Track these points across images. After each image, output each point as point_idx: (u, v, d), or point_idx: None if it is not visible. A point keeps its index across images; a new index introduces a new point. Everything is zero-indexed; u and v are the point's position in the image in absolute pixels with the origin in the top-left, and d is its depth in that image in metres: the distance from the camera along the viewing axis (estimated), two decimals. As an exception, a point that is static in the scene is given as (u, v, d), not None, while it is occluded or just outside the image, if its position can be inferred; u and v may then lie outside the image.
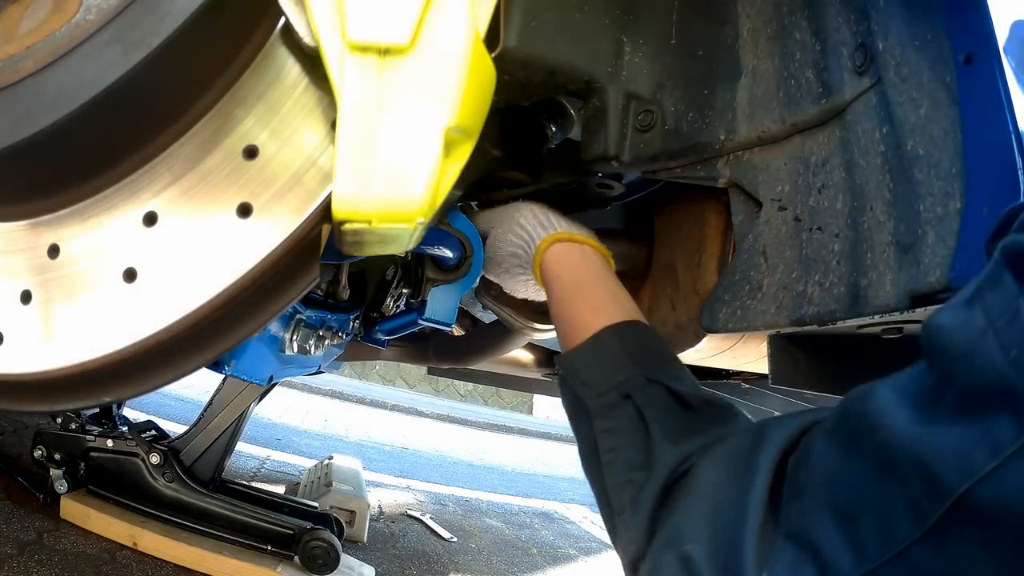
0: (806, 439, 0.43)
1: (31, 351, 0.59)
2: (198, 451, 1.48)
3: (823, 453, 0.39)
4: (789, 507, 0.40)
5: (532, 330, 1.00)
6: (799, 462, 0.42)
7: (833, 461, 0.38)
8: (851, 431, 0.38)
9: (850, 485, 0.36)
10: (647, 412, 0.57)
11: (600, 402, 0.60)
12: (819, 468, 0.39)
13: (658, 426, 0.56)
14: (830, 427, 0.40)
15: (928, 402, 0.32)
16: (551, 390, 2.40)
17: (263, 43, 0.57)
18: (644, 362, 0.62)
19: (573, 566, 2.44)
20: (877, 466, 0.34)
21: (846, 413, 0.39)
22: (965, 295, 0.33)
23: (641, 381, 0.59)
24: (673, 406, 0.58)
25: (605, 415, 0.60)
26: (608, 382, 0.61)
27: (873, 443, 0.34)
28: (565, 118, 0.86)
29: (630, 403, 0.58)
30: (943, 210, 0.49)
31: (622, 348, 0.64)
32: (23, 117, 0.53)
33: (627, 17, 0.71)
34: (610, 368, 0.62)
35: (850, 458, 0.36)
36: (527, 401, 10.71)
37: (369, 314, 1.19)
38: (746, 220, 0.70)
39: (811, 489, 0.39)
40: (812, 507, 0.38)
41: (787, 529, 0.39)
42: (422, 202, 0.48)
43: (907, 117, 0.52)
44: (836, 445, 0.38)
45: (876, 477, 0.34)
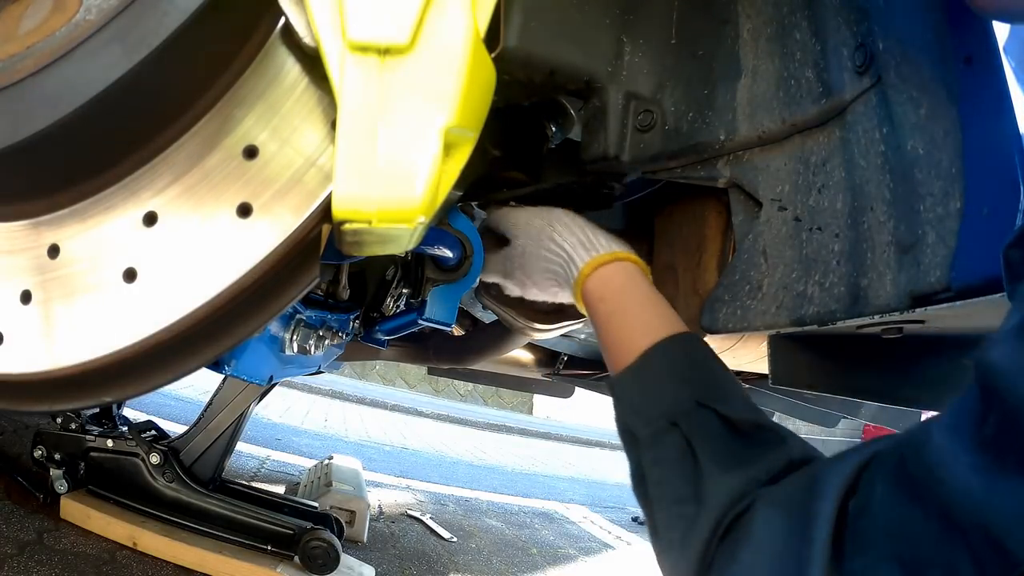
0: (865, 482, 0.41)
1: (31, 351, 0.59)
2: (198, 451, 1.48)
3: (884, 501, 0.38)
4: (853, 560, 0.39)
5: (532, 330, 1.00)
6: (861, 510, 0.40)
7: (895, 511, 0.37)
8: (911, 479, 0.36)
9: (914, 538, 0.35)
10: (695, 441, 0.55)
11: (648, 431, 0.59)
12: (881, 517, 0.38)
13: (707, 456, 0.54)
14: (889, 473, 0.39)
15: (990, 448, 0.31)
16: (551, 390, 2.40)
17: (263, 43, 0.57)
18: (693, 382, 0.60)
19: (573, 566, 2.44)
20: (941, 521, 0.33)
21: (903, 460, 0.38)
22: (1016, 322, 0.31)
23: (689, 406, 0.57)
24: (722, 433, 0.56)
25: (653, 445, 0.58)
26: (656, 408, 0.59)
27: (936, 495, 0.33)
28: (565, 118, 0.86)
29: (678, 431, 0.57)
30: (943, 210, 0.49)
31: (670, 369, 0.62)
32: (23, 117, 0.53)
33: (627, 17, 0.71)
34: (658, 392, 0.60)
35: (913, 509, 0.35)
36: (527, 401, 10.71)
37: (369, 314, 1.19)
38: (746, 220, 0.70)
39: (874, 540, 0.38)
40: (876, 560, 0.37)
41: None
42: (422, 202, 0.48)
43: (907, 117, 0.52)
44: (897, 493, 0.37)
45: (940, 532, 0.33)
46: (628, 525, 3.49)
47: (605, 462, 6.51)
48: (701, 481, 0.53)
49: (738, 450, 0.54)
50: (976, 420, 0.33)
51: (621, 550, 2.89)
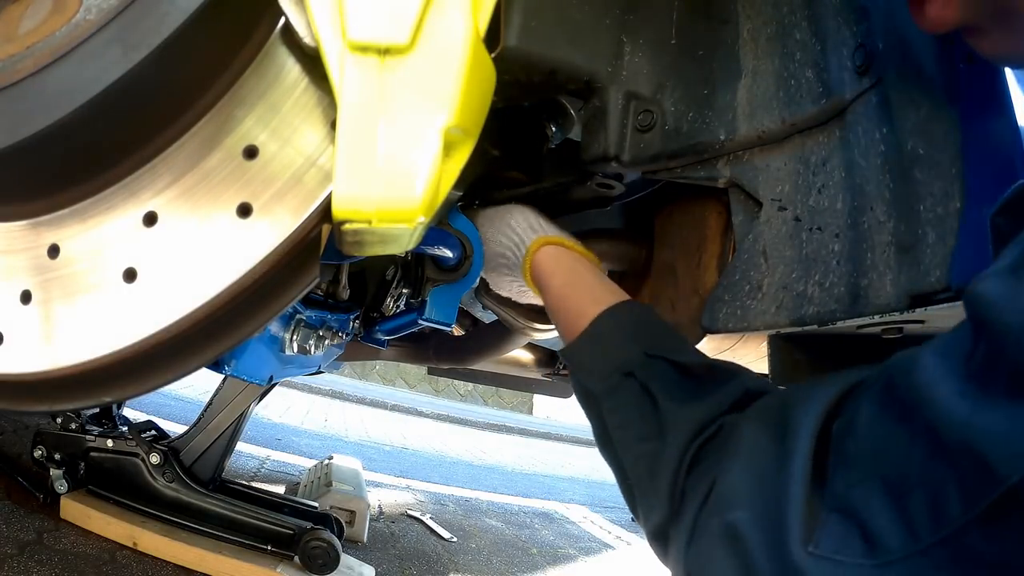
0: (850, 403, 0.41)
1: (31, 351, 0.59)
2: (198, 451, 1.48)
3: (870, 422, 0.38)
4: (836, 478, 0.38)
5: (532, 330, 1.01)
6: (845, 429, 0.40)
7: (881, 431, 0.37)
8: (898, 401, 0.36)
9: (899, 458, 0.35)
10: (651, 385, 0.57)
11: (604, 385, 0.61)
12: (867, 438, 0.38)
13: (664, 395, 0.55)
14: (876, 394, 0.39)
15: (977, 376, 0.31)
16: (551, 390, 2.40)
17: (263, 43, 0.57)
18: (642, 339, 0.62)
19: (573, 566, 2.44)
20: (926, 442, 0.33)
21: (891, 381, 0.38)
22: (1009, 261, 0.32)
23: (641, 358, 0.60)
24: (677, 377, 0.58)
25: (610, 395, 0.60)
26: (610, 364, 0.61)
27: (921, 417, 0.33)
28: (565, 118, 0.86)
29: (633, 379, 0.59)
30: (943, 210, 0.49)
31: (619, 329, 0.64)
32: (23, 117, 0.53)
33: (627, 17, 0.71)
34: (610, 350, 0.63)
35: (898, 430, 0.35)
36: (527, 401, 10.71)
37: (369, 314, 1.19)
38: (746, 220, 0.70)
39: (859, 460, 0.37)
40: (860, 479, 0.36)
41: (834, 502, 0.38)
42: (422, 202, 0.48)
43: (907, 117, 0.52)
44: (883, 414, 0.37)
45: (926, 453, 0.33)
46: (628, 525, 3.49)
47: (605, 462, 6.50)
48: (660, 416, 0.54)
49: (693, 387, 0.56)
50: (965, 349, 0.33)
51: (621, 550, 2.89)
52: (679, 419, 0.53)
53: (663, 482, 0.51)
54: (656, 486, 0.52)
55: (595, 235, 1.00)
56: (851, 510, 0.36)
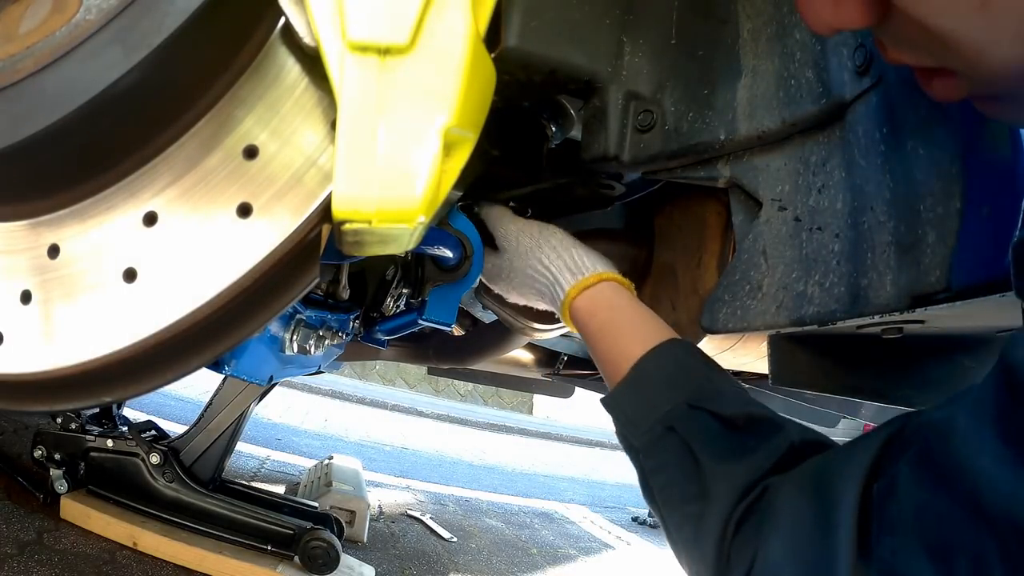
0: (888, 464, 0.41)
1: (31, 351, 0.59)
2: (198, 451, 1.48)
3: (911, 485, 0.38)
4: (880, 543, 0.38)
5: (532, 330, 1.01)
6: (887, 493, 0.40)
7: (922, 495, 0.36)
8: (936, 467, 0.36)
9: (941, 523, 0.34)
10: (693, 442, 0.56)
11: (646, 440, 0.59)
12: (908, 500, 0.37)
13: (707, 454, 0.54)
14: (914, 457, 0.38)
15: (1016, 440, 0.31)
16: (551, 390, 2.40)
17: (263, 43, 0.57)
18: (685, 386, 0.60)
19: (573, 566, 2.44)
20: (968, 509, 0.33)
21: (928, 446, 0.37)
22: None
23: (683, 410, 0.58)
24: (719, 430, 0.56)
25: (652, 453, 0.59)
26: (651, 417, 0.60)
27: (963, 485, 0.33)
28: (565, 118, 0.86)
29: (675, 435, 0.57)
30: (943, 210, 0.49)
31: (661, 376, 0.62)
32: (23, 117, 0.53)
33: (627, 17, 0.71)
34: (651, 401, 0.61)
35: (938, 494, 0.35)
36: (527, 401, 10.71)
37: (369, 314, 1.19)
38: (746, 220, 0.70)
39: (901, 524, 0.37)
40: (904, 544, 0.36)
41: (880, 567, 0.38)
42: (422, 202, 0.48)
43: (907, 117, 0.52)
44: (923, 478, 0.37)
45: (968, 521, 0.32)
46: (628, 525, 3.49)
47: (605, 462, 6.51)
48: (703, 478, 0.53)
49: (736, 444, 0.55)
50: (1001, 412, 0.32)
51: (621, 550, 2.89)
52: (722, 481, 0.52)
53: (709, 549, 0.51)
54: (702, 552, 0.52)
55: (595, 235, 1.00)
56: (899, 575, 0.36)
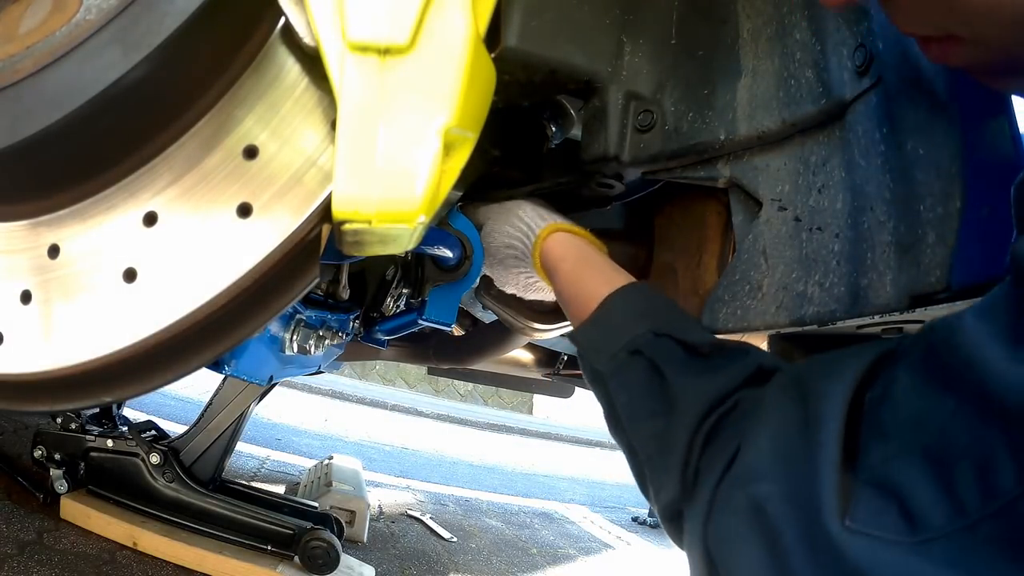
0: (884, 373, 0.39)
1: (31, 351, 0.59)
2: (198, 451, 1.48)
3: (909, 390, 0.35)
4: (871, 450, 0.36)
5: (532, 330, 1.00)
6: (880, 399, 0.37)
7: (922, 400, 0.34)
8: (942, 366, 0.34)
9: (943, 427, 0.32)
10: (659, 361, 0.56)
11: (612, 364, 0.60)
12: (906, 407, 0.35)
13: (673, 370, 0.54)
14: (916, 362, 0.36)
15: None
16: (551, 390, 2.40)
17: (263, 43, 0.57)
18: (651, 318, 0.61)
19: (573, 566, 2.44)
20: (975, 409, 0.30)
21: (931, 347, 0.35)
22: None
23: (649, 336, 0.59)
24: (685, 354, 0.56)
25: (618, 372, 0.59)
26: (617, 344, 0.60)
27: (969, 381, 0.31)
28: (565, 118, 0.86)
29: (641, 356, 0.58)
30: (943, 210, 0.49)
31: (628, 309, 0.63)
32: (23, 117, 0.53)
33: (627, 17, 0.71)
34: (618, 330, 0.62)
35: (943, 397, 0.33)
36: (527, 401, 10.71)
37: (369, 314, 1.19)
38: (746, 220, 0.70)
39: (897, 431, 0.35)
40: (898, 451, 0.34)
41: (869, 474, 0.35)
42: (422, 202, 0.48)
43: (907, 117, 0.52)
44: (925, 382, 0.34)
45: (974, 420, 0.30)
46: (628, 525, 3.49)
47: (605, 462, 6.51)
48: (670, 391, 0.53)
49: (704, 364, 0.54)
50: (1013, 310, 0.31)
51: (621, 550, 2.89)
52: (689, 393, 0.51)
53: (675, 457, 0.49)
54: (667, 462, 0.50)
55: (595, 235, 1.00)
56: (889, 484, 0.33)
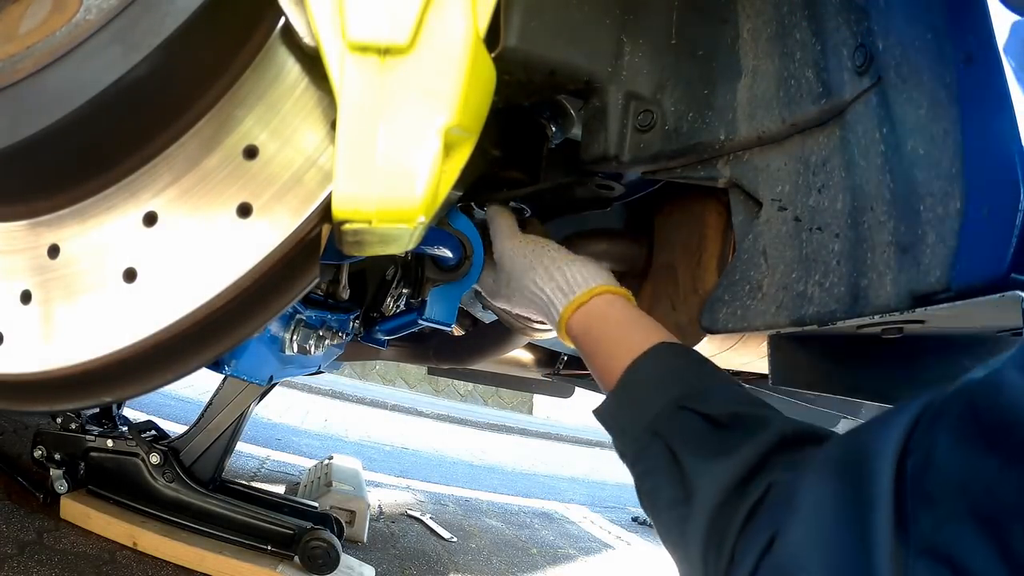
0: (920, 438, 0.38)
1: (31, 351, 0.59)
2: (198, 451, 1.48)
3: (951, 453, 0.34)
4: (919, 519, 0.35)
5: (532, 330, 1.00)
6: (922, 467, 0.36)
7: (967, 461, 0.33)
8: (984, 426, 0.33)
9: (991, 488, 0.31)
10: (675, 444, 0.55)
11: (634, 447, 0.59)
12: (950, 471, 0.34)
13: (689, 456, 0.54)
14: (953, 424, 0.35)
15: None
16: (551, 390, 2.40)
17: (263, 43, 0.57)
18: (672, 387, 0.60)
19: (573, 566, 2.44)
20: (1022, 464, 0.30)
21: (972, 406, 0.35)
22: None
23: (670, 412, 0.58)
24: (703, 430, 0.55)
25: (640, 459, 0.59)
26: (640, 423, 0.59)
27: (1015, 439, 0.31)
28: (565, 118, 0.86)
29: (659, 440, 0.57)
30: (943, 210, 0.49)
31: (649, 380, 0.62)
32: (23, 117, 0.53)
33: (627, 17, 0.71)
34: (639, 407, 0.61)
35: (987, 458, 0.32)
36: (527, 401, 10.71)
37: (369, 314, 1.19)
38: (746, 220, 0.70)
39: (943, 496, 0.34)
40: (948, 516, 0.33)
41: (921, 545, 0.34)
42: (422, 202, 0.48)
43: (907, 117, 0.52)
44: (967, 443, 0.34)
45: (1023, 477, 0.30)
46: (628, 525, 3.49)
47: (605, 462, 6.51)
48: (687, 480, 0.53)
49: (720, 442, 0.54)
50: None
51: (621, 550, 2.89)
52: (705, 480, 0.51)
53: (694, 548, 0.49)
54: (689, 553, 0.50)
55: (595, 235, 1.00)
56: (942, 552, 0.33)
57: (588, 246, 0.99)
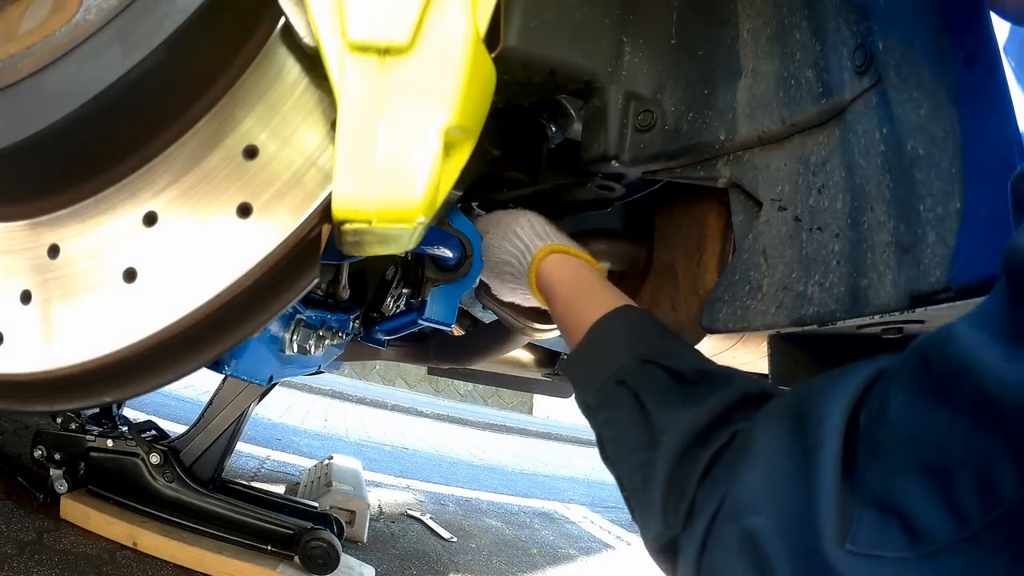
0: (877, 392, 0.38)
1: (31, 351, 0.59)
2: (198, 451, 1.48)
3: (904, 406, 0.35)
4: (868, 469, 0.35)
5: (532, 330, 1.01)
6: (875, 418, 0.37)
7: (918, 414, 0.34)
8: (935, 378, 0.34)
9: (940, 439, 0.32)
10: (642, 393, 0.56)
11: (598, 396, 0.60)
12: (902, 423, 0.35)
13: (655, 403, 0.54)
14: (908, 377, 0.36)
15: None
16: (551, 390, 2.40)
17: (263, 43, 0.57)
18: (638, 344, 0.61)
19: (573, 566, 2.44)
20: (972, 416, 0.30)
21: (924, 359, 0.35)
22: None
23: (635, 364, 0.59)
24: (669, 383, 0.56)
25: (604, 406, 0.59)
26: (604, 374, 0.60)
27: (966, 389, 0.31)
28: (565, 118, 0.86)
29: (625, 388, 0.58)
30: (943, 210, 0.49)
31: (616, 336, 0.64)
32: (23, 117, 0.53)
33: (627, 17, 0.71)
34: (605, 359, 0.62)
35: (939, 409, 0.32)
36: (527, 401, 10.72)
37: (369, 314, 1.19)
38: (746, 220, 0.70)
39: (894, 448, 0.34)
40: (896, 468, 0.33)
41: (868, 494, 0.34)
42: (422, 202, 0.48)
43: (907, 117, 0.52)
44: (919, 396, 0.34)
45: (972, 429, 0.30)
46: (628, 525, 3.49)
47: (605, 462, 6.51)
48: (652, 426, 0.53)
49: (687, 393, 0.54)
50: (1006, 311, 0.31)
51: (621, 550, 2.89)
52: (670, 427, 0.51)
53: (656, 492, 0.50)
54: (650, 497, 0.50)
55: (595, 235, 1.00)
56: (889, 502, 0.33)
57: (588, 246, 0.99)
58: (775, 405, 0.47)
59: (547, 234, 0.81)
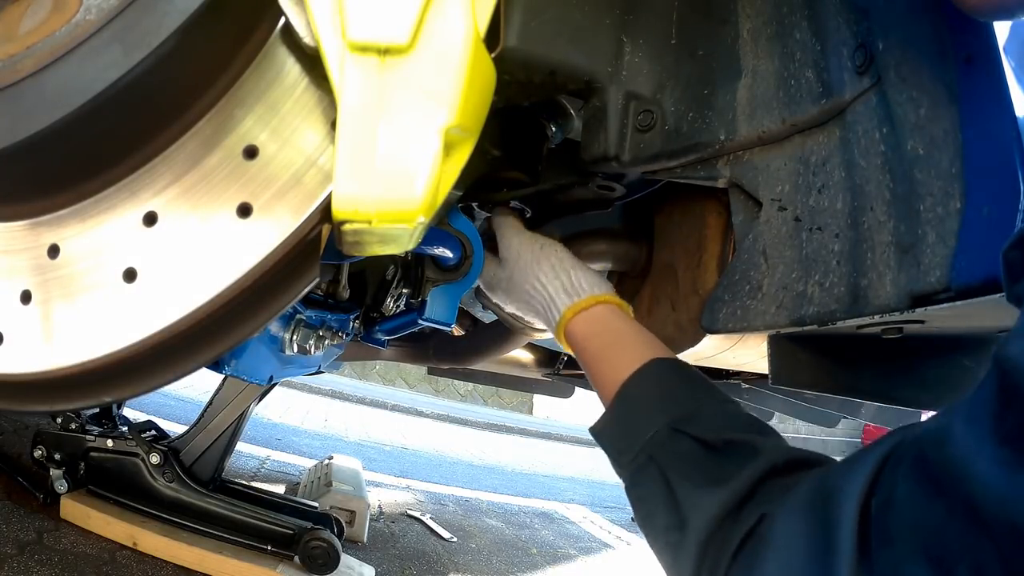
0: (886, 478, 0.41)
1: (31, 351, 0.59)
2: (198, 451, 1.48)
3: (908, 496, 0.37)
4: (880, 558, 0.38)
5: (533, 330, 1.00)
6: (884, 506, 0.39)
7: (919, 506, 0.36)
8: (933, 476, 0.36)
9: (940, 533, 0.34)
10: (669, 470, 0.57)
11: (629, 471, 0.61)
12: (906, 512, 0.37)
13: (682, 484, 0.55)
14: (910, 468, 0.38)
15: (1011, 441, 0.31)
16: (551, 390, 2.40)
17: (263, 43, 0.57)
18: (667, 404, 0.61)
19: (573, 566, 2.44)
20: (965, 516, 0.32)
21: (924, 456, 0.37)
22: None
23: (664, 435, 0.59)
24: (697, 454, 0.57)
25: (635, 484, 0.60)
26: (634, 446, 0.61)
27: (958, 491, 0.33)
28: (565, 118, 0.86)
29: (653, 465, 0.58)
30: (943, 210, 0.49)
31: (644, 399, 0.63)
32: (23, 117, 0.53)
33: (627, 17, 0.71)
34: (634, 427, 0.62)
35: (936, 504, 0.35)
36: (527, 401, 10.72)
37: (369, 314, 1.19)
38: (746, 220, 0.70)
39: (901, 535, 0.37)
40: (904, 555, 0.36)
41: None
42: (422, 202, 0.48)
43: (907, 117, 0.52)
44: (920, 488, 0.37)
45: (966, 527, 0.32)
46: (628, 525, 3.49)
47: (605, 462, 6.51)
48: (679, 508, 0.54)
49: (712, 469, 0.55)
50: (996, 414, 0.32)
51: (621, 550, 2.89)
52: (696, 512, 0.52)
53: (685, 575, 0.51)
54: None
55: (595, 235, 1.00)
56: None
57: (588, 246, 0.99)
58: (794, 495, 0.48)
59: (572, 285, 0.76)
